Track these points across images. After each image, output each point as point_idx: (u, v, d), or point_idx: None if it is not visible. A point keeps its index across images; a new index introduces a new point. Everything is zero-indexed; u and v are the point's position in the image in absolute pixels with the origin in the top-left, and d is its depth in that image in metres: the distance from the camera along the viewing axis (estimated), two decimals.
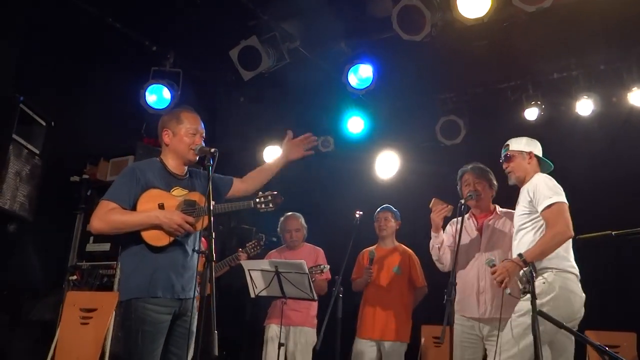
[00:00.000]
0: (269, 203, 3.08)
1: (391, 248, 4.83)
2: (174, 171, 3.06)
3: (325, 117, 6.30)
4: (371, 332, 4.60)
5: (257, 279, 4.26)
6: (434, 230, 3.88)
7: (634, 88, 5.05)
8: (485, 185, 3.99)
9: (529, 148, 3.63)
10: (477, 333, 3.76)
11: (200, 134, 3.08)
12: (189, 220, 2.88)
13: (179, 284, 2.90)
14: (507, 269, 3.23)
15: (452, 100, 5.96)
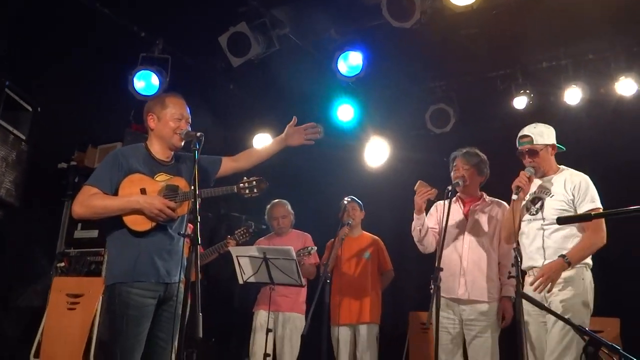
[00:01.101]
0: (253, 188, 3.06)
1: (359, 236, 5.01)
2: (159, 157, 3.05)
3: (315, 105, 6.28)
4: (348, 317, 4.69)
5: (245, 265, 4.27)
6: (417, 212, 3.91)
7: (621, 77, 5.08)
8: (473, 171, 4.01)
9: (550, 140, 3.59)
10: (456, 317, 3.82)
11: (186, 119, 3.07)
12: (170, 205, 2.88)
13: (164, 268, 2.90)
14: (553, 272, 3.24)
15: (442, 89, 5.96)
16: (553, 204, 3.44)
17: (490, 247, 3.90)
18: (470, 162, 4.01)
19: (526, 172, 3.47)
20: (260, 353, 4.53)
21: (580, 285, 3.29)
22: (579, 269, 3.33)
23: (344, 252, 4.86)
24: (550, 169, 3.58)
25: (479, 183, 4.08)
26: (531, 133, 3.57)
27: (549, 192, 3.50)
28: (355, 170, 6.28)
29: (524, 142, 3.58)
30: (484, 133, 5.71)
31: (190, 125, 3.10)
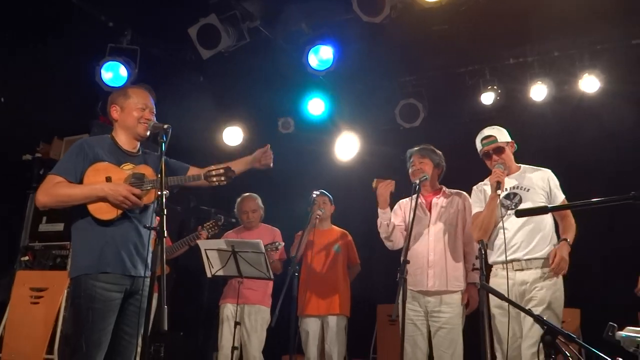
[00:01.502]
0: (221, 176, 3.06)
1: (329, 229, 5.03)
2: (125, 147, 3.03)
3: (286, 98, 6.29)
4: (316, 309, 4.72)
5: (213, 258, 4.25)
6: (381, 206, 3.96)
7: (584, 75, 5.20)
8: (430, 165, 4.09)
9: (509, 138, 3.76)
10: (422, 309, 3.89)
11: (150, 109, 3.05)
12: (135, 192, 2.86)
13: (130, 261, 2.87)
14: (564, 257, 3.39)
15: (412, 84, 6.02)
16: (533, 198, 3.55)
17: (454, 237, 3.98)
18: (426, 156, 4.10)
19: (499, 168, 3.57)
20: (228, 346, 4.53)
21: (557, 279, 3.43)
22: None
23: (313, 244, 4.89)
24: (513, 165, 3.72)
25: (437, 176, 4.17)
26: (493, 133, 3.72)
27: (525, 187, 3.61)
28: (325, 164, 6.30)
29: (488, 142, 3.69)
30: (452, 128, 5.80)
31: (155, 116, 3.08)
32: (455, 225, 4.00)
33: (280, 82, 5.99)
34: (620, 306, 4.49)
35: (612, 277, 4.74)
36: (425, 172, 4.02)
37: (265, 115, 6.52)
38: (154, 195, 2.89)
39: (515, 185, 3.63)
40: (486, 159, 3.72)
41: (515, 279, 3.47)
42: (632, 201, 1.75)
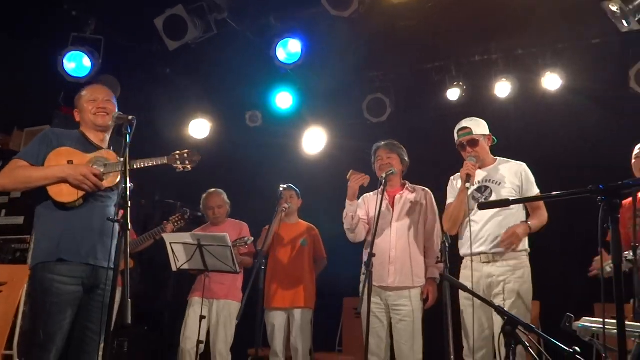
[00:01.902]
0: (185, 160, 3.04)
1: (296, 223, 5.05)
2: (95, 141, 3.05)
3: (254, 92, 6.26)
4: (282, 302, 4.73)
5: (178, 252, 4.23)
6: (350, 197, 4.02)
7: (547, 73, 5.31)
8: (397, 160, 4.14)
9: (487, 131, 3.81)
10: (382, 302, 3.95)
11: (103, 99, 3.05)
12: (96, 172, 2.83)
13: (90, 249, 2.82)
14: (517, 232, 3.46)
15: (379, 79, 6.06)
16: (503, 192, 3.61)
17: (416, 233, 4.05)
18: (394, 152, 4.15)
19: (471, 161, 3.62)
20: (193, 339, 4.51)
21: (527, 271, 3.52)
22: (525, 256, 3.56)
23: (280, 238, 4.90)
24: (488, 158, 3.77)
25: (401, 172, 4.21)
26: (470, 125, 3.76)
27: (496, 180, 3.67)
28: (293, 158, 6.30)
29: (464, 134, 3.74)
30: (419, 123, 5.87)
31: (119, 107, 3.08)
32: (417, 222, 4.07)
33: (248, 75, 5.95)
34: (578, 298, 4.63)
35: (571, 270, 4.87)
36: (392, 167, 4.06)
37: (233, 108, 6.47)
38: (116, 179, 2.88)
39: (488, 179, 3.69)
40: (461, 150, 3.77)
41: (482, 271, 3.54)
42: (589, 194, 1.80)
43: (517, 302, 3.44)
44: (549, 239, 4.12)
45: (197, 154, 3.06)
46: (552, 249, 5.17)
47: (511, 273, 3.49)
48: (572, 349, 2.21)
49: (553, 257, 5.14)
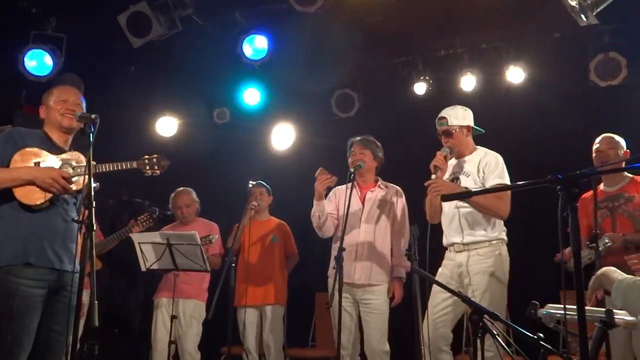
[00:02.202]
0: (154, 165, 3.02)
1: (267, 220, 5.05)
2: (58, 142, 2.99)
3: (221, 88, 6.21)
4: (253, 299, 4.73)
5: (147, 252, 4.19)
6: (316, 199, 4.04)
7: (510, 66, 5.41)
8: (370, 156, 4.16)
9: (466, 122, 3.73)
10: (352, 297, 4.00)
11: (73, 101, 2.99)
12: (65, 176, 2.79)
13: (55, 254, 2.78)
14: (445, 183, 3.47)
15: (347, 74, 6.07)
16: (468, 183, 3.63)
17: (385, 231, 4.09)
18: (367, 147, 4.17)
19: (442, 152, 3.60)
20: (164, 341, 4.47)
21: (498, 260, 3.52)
22: (495, 244, 3.56)
23: (251, 235, 4.88)
24: (466, 149, 3.73)
25: (375, 168, 4.24)
26: (447, 115, 3.71)
27: (466, 172, 3.68)
28: (261, 154, 6.29)
29: (440, 124, 3.73)
30: (386, 117, 5.91)
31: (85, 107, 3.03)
32: (386, 220, 4.10)
33: (215, 72, 5.91)
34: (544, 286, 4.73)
35: (537, 258, 4.98)
36: (362, 161, 4.07)
37: (201, 105, 6.42)
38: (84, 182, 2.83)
39: (459, 170, 3.72)
40: (440, 139, 3.77)
41: (455, 260, 3.59)
42: (549, 184, 1.85)
43: (486, 292, 3.48)
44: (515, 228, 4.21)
45: (166, 159, 3.05)
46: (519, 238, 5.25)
47: (481, 262, 3.54)
48: (536, 335, 2.26)
49: (519, 246, 5.24)
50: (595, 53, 5.09)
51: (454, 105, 3.80)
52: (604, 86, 5.06)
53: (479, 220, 3.56)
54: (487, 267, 3.52)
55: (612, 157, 3.76)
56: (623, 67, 4.98)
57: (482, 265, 3.51)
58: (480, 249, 3.53)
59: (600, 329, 2.10)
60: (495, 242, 3.56)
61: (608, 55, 5.02)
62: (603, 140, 3.86)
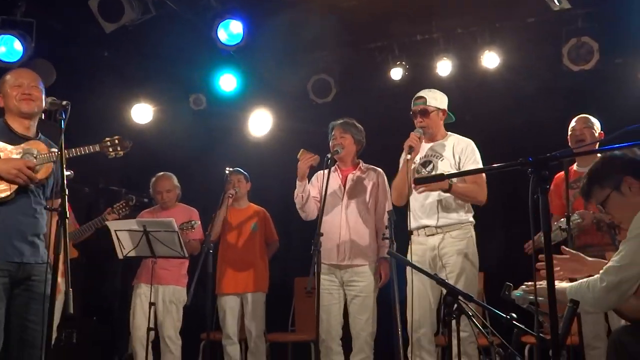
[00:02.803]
0: (116, 147, 2.99)
1: (246, 207, 5.02)
2: (20, 131, 2.92)
3: (197, 74, 6.14)
4: (234, 287, 4.75)
5: (124, 239, 4.17)
6: (299, 178, 4.04)
7: (485, 51, 5.44)
8: (351, 140, 4.17)
9: (443, 105, 3.82)
10: (337, 280, 4.02)
11: (29, 85, 2.92)
12: (30, 165, 2.74)
13: (13, 247, 2.75)
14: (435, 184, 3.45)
15: (324, 59, 6.05)
16: (443, 167, 3.67)
17: (367, 212, 4.11)
18: (348, 131, 4.17)
19: (416, 133, 3.65)
20: (143, 327, 4.46)
21: (470, 242, 3.62)
22: (466, 227, 3.65)
23: (230, 223, 4.88)
24: (438, 133, 3.82)
25: (356, 152, 4.26)
26: (425, 95, 3.80)
27: (440, 155, 3.73)
28: (239, 140, 6.26)
29: (417, 103, 3.79)
30: (363, 103, 5.91)
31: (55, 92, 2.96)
32: (368, 202, 4.12)
33: (191, 58, 5.84)
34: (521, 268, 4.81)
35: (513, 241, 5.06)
36: (341, 145, 4.08)
37: (176, 91, 6.34)
38: (49, 171, 2.80)
39: (432, 153, 3.77)
40: (414, 119, 3.80)
41: (427, 244, 3.64)
42: (520, 167, 1.88)
43: (462, 274, 3.55)
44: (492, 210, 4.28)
45: (128, 140, 3.01)
46: (496, 221, 5.35)
47: (455, 244, 3.60)
48: (509, 315, 2.31)
49: (496, 229, 5.34)
50: (569, 38, 5.15)
51: (433, 89, 3.88)
52: (577, 70, 5.12)
53: (453, 203, 3.62)
54: (461, 249, 3.59)
55: (587, 136, 3.84)
56: (595, 51, 5.04)
57: (456, 248, 3.59)
58: (453, 231, 3.61)
59: (570, 308, 2.15)
60: (466, 224, 3.64)
61: (581, 39, 5.08)
62: (579, 120, 3.95)
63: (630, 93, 5.00)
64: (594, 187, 2.51)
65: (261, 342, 4.78)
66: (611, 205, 2.48)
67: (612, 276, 2.26)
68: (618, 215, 2.49)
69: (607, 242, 3.56)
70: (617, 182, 2.43)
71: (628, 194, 2.41)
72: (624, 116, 3.92)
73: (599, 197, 2.50)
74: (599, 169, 2.52)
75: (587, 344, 3.61)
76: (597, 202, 2.55)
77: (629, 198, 2.41)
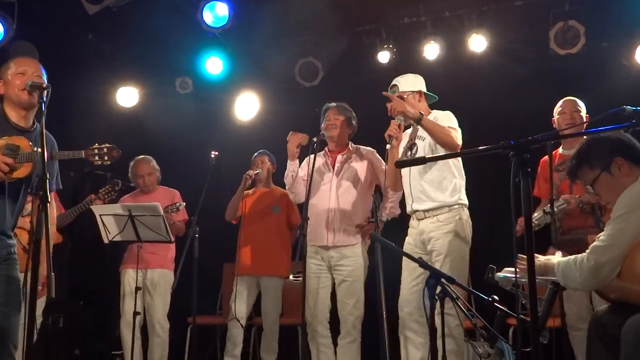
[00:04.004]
0: (104, 156, 2.94)
1: (269, 190, 4.95)
2: (17, 122, 2.85)
3: (183, 57, 6.08)
4: (250, 269, 4.70)
5: (109, 224, 4.15)
6: (290, 158, 4.04)
7: (473, 35, 5.42)
8: (344, 123, 4.17)
9: (417, 87, 3.80)
10: (325, 263, 4.03)
11: (32, 73, 2.85)
12: (8, 162, 2.68)
13: None
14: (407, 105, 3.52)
15: (311, 42, 6.01)
16: (424, 147, 3.68)
17: (357, 194, 4.10)
18: (342, 113, 4.18)
19: (396, 121, 3.64)
20: (130, 312, 4.46)
21: (459, 224, 3.60)
22: (455, 209, 3.63)
23: (252, 204, 4.83)
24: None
25: (348, 135, 4.26)
26: (397, 82, 3.81)
27: (421, 136, 3.73)
28: (225, 124, 6.22)
29: (392, 91, 3.78)
30: (351, 86, 5.89)
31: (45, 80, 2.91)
32: (358, 182, 4.12)
33: (177, 40, 5.77)
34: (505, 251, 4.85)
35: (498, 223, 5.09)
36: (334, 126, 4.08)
37: (162, 74, 6.27)
38: (29, 170, 2.74)
39: (416, 135, 3.77)
40: None
41: (418, 228, 3.65)
42: (502, 150, 1.89)
43: (447, 257, 3.56)
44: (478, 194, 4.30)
45: (117, 150, 2.97)
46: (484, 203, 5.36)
47: (441, 228, 3.61)
48: (491, 297, 2.33)
49: (485, 211, 5.35)
50: (556, 21, 5.14)
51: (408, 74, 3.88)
52: (563, 54, 5.12)
53: (439, 186, 3.62)
54: (448, 232, 3.59)
55: (577, 119, 3.86)
56: (582, 35, 5.05)
57: (443, 231, 3.59)
58: (441, 214, 3.61)
59: (551, 290, 2.18)
60: (455, 206, 3.64)
61: (567, 23, 5.07)
62: (568, 103, 3.95)
63: (615, 77, 5.01)
64: (583, 167, 2.53)
65: (275, 328, 4.70)
66: (600, 185, 2.50)
67: (598, 255, 2.29)
68: (606, 196, 2.51)
69: (590, 224, 3.59)
70: (607, 163, 2.45)
71: (618, 174, 2.44)
72: (610, 100, 3.93)
73: (588, 178, 2.52)
74: (589, 150, 2.53)
75: (571, 325, 3.66)
76: (585, 183, 2.57)
77: (618, 178, 2.44)
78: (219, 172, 4.60)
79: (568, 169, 2.63)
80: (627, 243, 2.25)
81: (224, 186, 4.96)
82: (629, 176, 2.41)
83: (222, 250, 5.34)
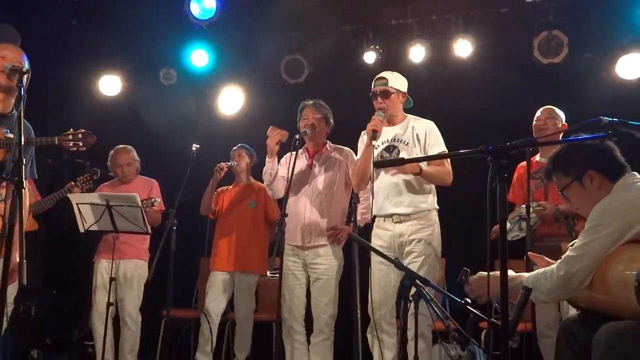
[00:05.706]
0: (78, 142, 2.91)
1: (247, 184, 4.92)
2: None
3: (168, 48, 6.03)
4: (226, 264, 4.69)
5: (86, 213, 4.10)
6: (269, 155, 4.01)
7: (459, 39, 5.46)
8: (322, 121, 4.16)
9: (404, 88, 3.81)
10: (301, 261, 4.04)
11: (14, 59, 2.80)
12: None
13: None
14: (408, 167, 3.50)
15: (298, 39, 6.00)
16: (410, 151, 3.68)
17: (333, 193, 4.09)
18: (319, 111, 4.15)
19: (378, 117, 3.64)
20: (103, 302, 4.42)
21: (436, 228, 3.67)
22: (432, 213, 3.69)
23: (228, 198, 4.80)
24: (398, 115, 3.83)
25: (325, 134, 4.25)
26: (387, 76, 3.79)
27: (404, 140, 3.74)
28: (209, 117, 6.19)
29: (379, 84, 3.77)
30: (336, 85, 5.89)
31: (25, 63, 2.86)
32: (336, 182, 4.10)
33: (162, 31, 5.72)
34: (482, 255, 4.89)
35: (474, 227, 5.14)
36: (313, 125, 4.05)
37: (146, 65, 6.22)
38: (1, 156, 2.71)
39: (396, 138, 3.76)
40: (373, 100, 3.79)
41: (394, 230, 3.66)
42: (480, 154, 1.90)
43: (426, 260, 3.60)
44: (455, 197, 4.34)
45: (92, 135, 2.93)
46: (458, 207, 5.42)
47: (420, 231, 3.64)
48: (464, 300, 2.35)
49: (459, 216, 5.40)
50: (540, 30, 5.20)
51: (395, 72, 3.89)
52: (546, 63, 5.19)
53: (418, 190, 3.66)
54: (428, 235, 3.64)
55: (550, 127, 3.91)
56: (565, 45, 5.11)
57: (423, 234, 3.63)
58: (420, 218, 3.65)
59: (523, 295, 2.20)
60: (432, 210, 3.70)
61: (551, 32, 5.14)
62: (544, 111, 4.02)
63: (595, 88, 5.09)
64: (557, 172, 2.55)
65: (248, 324, 4.69)
66: (570, 193, 2.53)
67: (568, 265, 2.31)
68: (575, 203, 2.54)
69: (564, 233, 3.65)
70: (580, 174, 2.46)
71: (589, 186, 2.45)
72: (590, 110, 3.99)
73: (560, 183, 2.55)
74: (565, 156, 2.55)
75: (540, 332, 3.71)
76: (558, 188, 2.59)
77: (589, 191, 2.45)
78: (199, 165, 4.57)
79: (545, 170, 2.66)
80: (597, 255, 2.27)
81: (204, 179, 4.93)
82: (600, 190, 2.42)
83: (199, 244, 5.32)
